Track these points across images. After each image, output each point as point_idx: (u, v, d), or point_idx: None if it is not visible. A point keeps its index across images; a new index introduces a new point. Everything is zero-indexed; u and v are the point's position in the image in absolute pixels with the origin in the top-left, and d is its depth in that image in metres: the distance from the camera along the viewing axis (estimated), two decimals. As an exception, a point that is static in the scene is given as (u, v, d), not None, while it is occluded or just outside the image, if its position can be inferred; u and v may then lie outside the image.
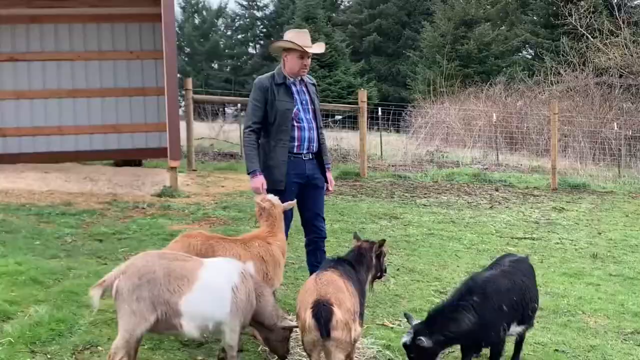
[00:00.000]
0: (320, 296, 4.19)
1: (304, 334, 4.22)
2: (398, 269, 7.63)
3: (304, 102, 5.82)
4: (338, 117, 24.94)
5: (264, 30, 62.77)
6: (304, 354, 4.61)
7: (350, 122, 22.05)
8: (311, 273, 5.46)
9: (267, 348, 4.89)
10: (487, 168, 17.65)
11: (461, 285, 4.91)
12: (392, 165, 17.12)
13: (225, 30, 63.96)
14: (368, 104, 16.25)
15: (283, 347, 4.74)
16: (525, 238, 9.84)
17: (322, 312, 4.08)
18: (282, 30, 51.13)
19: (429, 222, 10.47)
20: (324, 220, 6.11)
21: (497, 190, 14.49)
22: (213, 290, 4.31)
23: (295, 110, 5.74)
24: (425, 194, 13.53)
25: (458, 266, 7.97)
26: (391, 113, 23.65)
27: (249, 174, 5.73)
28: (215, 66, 59.88)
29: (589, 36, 25.95)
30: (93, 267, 6.80)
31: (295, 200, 5.69)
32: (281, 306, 5.26)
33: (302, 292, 4.47)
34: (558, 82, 26.14)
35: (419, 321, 4.71)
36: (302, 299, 4.36)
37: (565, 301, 6.91)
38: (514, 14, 42.87)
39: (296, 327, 4.64)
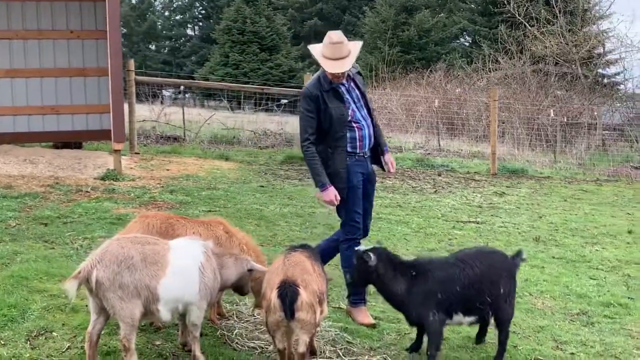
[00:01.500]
0: (287, 277, 4.20)
1: (269, 314, 4.22)
2: (350, 253, 7.67)
3: (356, 99, 5.57)
4: (284, 101, 24.83)
5: (203, 11, 61.80)
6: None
7: (294, 106, 22.02)
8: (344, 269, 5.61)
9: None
10: (429, 153, 17.89)
11: (415, 259, 5.15)
12: (336, 150, 17.13)
13: (162, 11, 62.78)
14: (300, 88, 16.20)
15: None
16: (470, 222, 10.03)
17: (288, 292, 4.09)
18: (221, 12, 50.49)
19: (377, 206, 10.47)
20: (371, 216, 5.95)
21: (439, 175, 14.72)
22: (183, 273, 4.31)
23: (350, 112, 5.49)
24: (371, 178, 13.62)
25: (408, 249, 8.07)
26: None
27: (318, 187, 5.50)
28: (153, 47, 58.70)
29: (527, 25, 26.47)
30: (41, 252, 6.65)
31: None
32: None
33: (270, 272, 4.47)
34: (496, 69, 26.62)
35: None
36: (268, 279, 4.37)
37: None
38: (452, 1, 43.40)
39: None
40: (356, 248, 5.08)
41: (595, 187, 14.87)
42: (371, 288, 5.89)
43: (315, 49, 5.47)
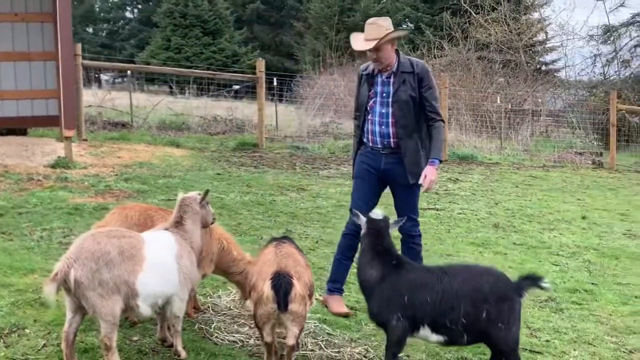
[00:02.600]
0: (280, 268, 4.11)
1: (259, 305, 4.12)
2: (317, 242, 7.64)
3: (384, 94, 5.45)
4: (236, 87, 24.53)
5: (142, -6, 60.58)
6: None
7: (243, 91, 21.81)
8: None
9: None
10: (380, 139, 17.92)
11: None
12: (289, 137, 17.06)
13: (100, -7, 61.19)
14: (254, 74, 16.02)
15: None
16: (429, 209, 10.08)
17: (282, 284, 4.00)
18: (162, -6, 49.53)
19: (337, 193, 10.52)
20: (412, 219, 5.65)
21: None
22: (160, 265, 4.17)
23: (371, 102, 5.49)
24: (325, 165, 13.60)
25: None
26: (278, 83, 23.51)
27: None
28: (90, 30, 57.23)
29: (472, 12, 26.75)
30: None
31: None
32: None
33: (261, 263, 4.37)
34: (441, 55, 26.82)
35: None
36: (260, 270, 4.26)
37: (479, 270, 7.13)
38: (395, -14, 43.54)
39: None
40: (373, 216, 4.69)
41: (543, 173, 15.18)
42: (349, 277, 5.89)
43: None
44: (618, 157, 17.57)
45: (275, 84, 18.99)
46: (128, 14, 60.59)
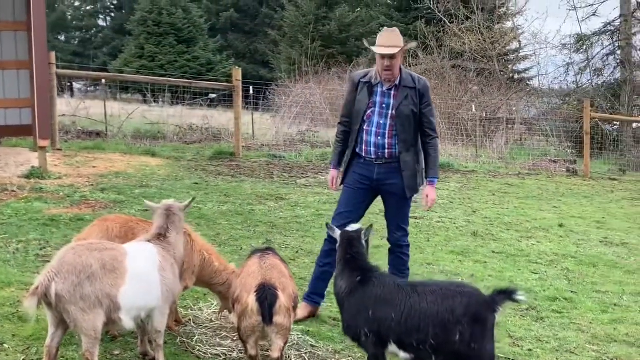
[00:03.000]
0: (265, 280, 4.07)
1: (244, 318, 4.08)
2: (297, 252, 7.60)
3: (383, 105, 5.47)
4: (212, 96, 24.42)
5: (115, 1, 60.18)
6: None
7: (217, 100, 21.73)
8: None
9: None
10: (356, 148, 17.93)
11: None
12: (265, 145, 17.01)
13: (72, 1, 60.73)
14: (230, 82, 15.91)
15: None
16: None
17: (268, 296, 3.96)
18: (134, 2, 49.25)
19: (315, 202, 10.49)
20: (402, 229, 5.82)
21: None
22: (143, 277, 4.12)
23: (368, 112, 5.48)
24: (303, 173, 13.57)
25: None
26: (254, 92, 23.43)
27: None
28: (62, 38, 56.73)
29: (447, 21, 26.94)
30: (-25, 257, 6.25)
31: None
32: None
33: (245, 275, 4.31)
34: (416, 64, 26.96)
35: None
36: (244, 282, 4.21)
37: (460, 279, 7.13)
38: (369, -4, 43.80)
39: None
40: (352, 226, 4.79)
41: (519, 181, 15.29)
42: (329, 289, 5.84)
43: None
44: (592, 165, 17.76)
45: (251, 92, 18.91)
46: (101, 22, 60.27)
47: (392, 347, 4.26)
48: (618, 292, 7.08)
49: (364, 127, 5.51)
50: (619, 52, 25.54)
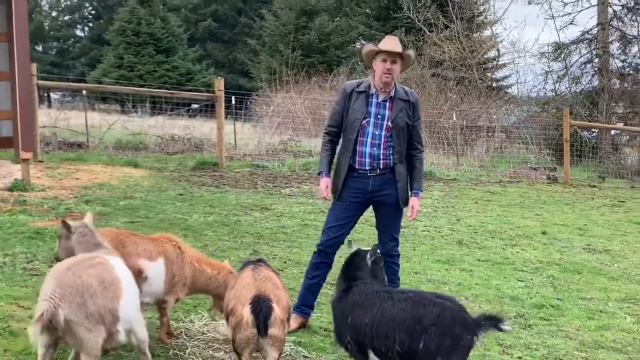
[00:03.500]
0: (260, 292, 4.08)
1: (238, 330, 4.08)
2: (285, 262, 7.60)
3: (379, 116, 5.50)
4: (195, 106, 24.37)
5: (93, 12, 59.96)
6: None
7: (197, 110, 21.72)
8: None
9: None
10: (339, 157, 17.97)
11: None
12: (248, 155, 17.00)
13: (50, 11, 60.39)
14: (212, 92, 15.90)
15: None
16: (393, 226, 10.11)
17: (263, 308, 3.97)
18: (112, 12, 49.12)
19: (300, 212, 10.51)
20: (394, 239, 5.81)
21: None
22: (131, 287, 4.18)
23: (364, 122, 5.50)
24: (287, 183, 13.59)
25: (340, 256, 7.99)
26: (236, 102, 23.40)
27: (318, 174, 5.80)
28: (40, 49, 56.37)
29: (426, 30, 27.13)
30: (-38, 271, 6.19)
31: None
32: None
33: (239, 287, 4.31)
34: (396, 73, 27.08)
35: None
36: (238, 295, 4.21)
37: (447, 288, 7.18)
38: (348, 5, 44.01)
39: None
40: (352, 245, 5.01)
41: (501, 188, 15.42)
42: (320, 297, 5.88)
43: (368, 47, 5.66)
44: (571, 172, 17.95)
45: (233, 102, 18.91)
46: (79, 32, 59.99)
47: (371, 356, 4.27)
48: (603, 298, 7.17)
49: (359, 138, 5.54)
50: (596, 60, 25.84)
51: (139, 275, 4.64)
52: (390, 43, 5.46)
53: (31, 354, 4.55)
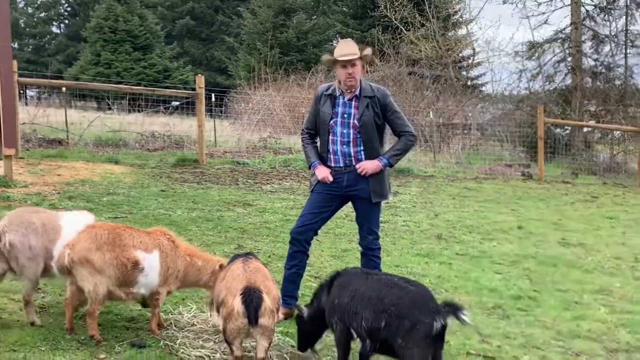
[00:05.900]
0: (250, 283, 4.22)
1: (230, 321, 4.22)
2: (269, 257, 7.74)
3: (345, 115, 5.73)
4: (176, 103, 24.37)
5: (69, 8, 59.50)
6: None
7: (186, 108, 21.79)
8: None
9: None
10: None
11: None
12: (228, 152, 17.10)
13: (25, 8, 59.81)
14: (191, 89, 16.01)
15: None
16: (374, 222, 10.29)
17: (253, 298, 4.12)
18: (88, 9, 48.88)
19: (282, 208, 10.66)
20: (373, 232, 5.99)
21: (332, 175, 14.98)
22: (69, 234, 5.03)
23: (331, 122, 5.73)
24: (268, 180, 13.73)
25: (322, 251, 8.22)
26: (217, 99, 23.48)
27: (309, 168, 5.99)
28: (16, 46, 55.79)
29: (403, 29, 27.37)
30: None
31: None
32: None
33: (229, 278, 4.45)
34: (373, 71, 27.31)
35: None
36: (229, 286, 4.35)
37: (427, 280, 7.37)
38: (326, 3, 44.16)
39: None
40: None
41: (477, 185, 15.68)
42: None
43: (325, 57, 5.96)
44: (545, 169, 18.27)
45: (213, 99, 18.99)
46: (55, 29, 59.44)
47: (355, 336, 4.48)
48: (578, 290, 7.40)
49: (330, 138, 5.79)
50: (569, 59, 26.24)
51: (135, 267, 4.78)
52: (345, 48, 5.65)
53: (25, 344, 4.67)
